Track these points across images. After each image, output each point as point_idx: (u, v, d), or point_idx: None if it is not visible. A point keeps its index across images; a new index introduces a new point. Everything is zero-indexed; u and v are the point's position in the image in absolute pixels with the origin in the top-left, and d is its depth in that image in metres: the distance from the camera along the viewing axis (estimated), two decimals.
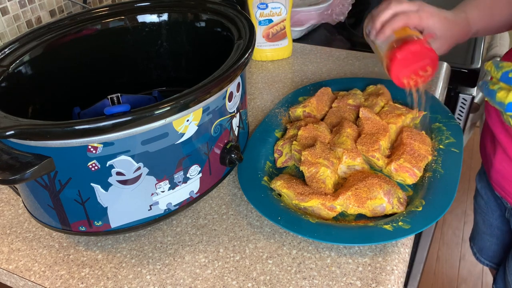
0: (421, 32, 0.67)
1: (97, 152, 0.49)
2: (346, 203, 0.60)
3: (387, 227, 0.56)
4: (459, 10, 0.71)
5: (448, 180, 0.62)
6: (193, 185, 0.58)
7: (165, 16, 0.75)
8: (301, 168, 0.65)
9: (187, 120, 0.52)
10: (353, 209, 0.60)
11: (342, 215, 0.61)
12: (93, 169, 0.50)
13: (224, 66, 0.55)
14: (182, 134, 0.53)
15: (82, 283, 0.56)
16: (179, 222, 0.63)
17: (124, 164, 0.50)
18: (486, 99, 0.57)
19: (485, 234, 0.98)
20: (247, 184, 0.64)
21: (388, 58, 0.63)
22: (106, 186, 0.51)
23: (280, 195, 0.64)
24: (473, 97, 1.04)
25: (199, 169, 0.57)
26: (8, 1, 0.88)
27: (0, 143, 0.50)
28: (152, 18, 0.75)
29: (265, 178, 0.66)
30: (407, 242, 0.59)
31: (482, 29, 0.73)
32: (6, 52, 0.63)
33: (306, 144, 0.69)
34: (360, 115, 0.73)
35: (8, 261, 0.60)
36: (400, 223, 0.56)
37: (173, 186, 0.55)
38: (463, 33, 0.71)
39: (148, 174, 0.52)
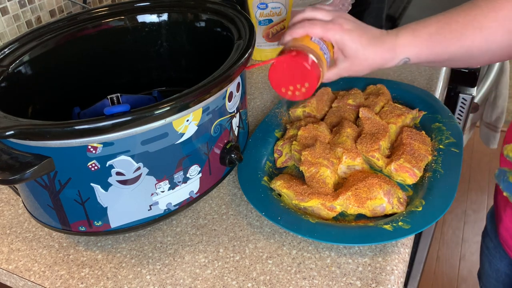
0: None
1: (97, 152, 0.48)
2: (346, 203, 0.60)
3: (387, 227, 0.56)
4: (395, 30, 0.61)
5: (448, 180, 0.62)
6: (193, 185, 0.58)
7: (165, 16, 0.75)
8: (301, 168, 0.65)
9: (187, 120, 0.52)
10: (353, 209, 0.60)
11: (342, 215, 0.61)
12: (93, 169, 0.50)
13: (224, 66, 0.55)
14: (182, 134, 0.53)
15: (82, 283, 0.56)
16: (179, 222, 0.63)
17: (124, 164, 0.50)
18: (504, 193, 0.52)
19: (491, 278, 0.90)
20: (247, 184, 0.64)
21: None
22: (106, 186, 0.51)
23: (280, 195, 0.64)
24: (473, 97, 1.04)
25: (199, 169, 0.57)
26: (8, 1, 0.88)
27: (0, 143, 0.50)
28: (152, 18, 0.75)
29: (265, 178, 0.66)
30: (407, 242, 0.59)
31: (415, 57, 0.60)
32: (6, 52, 0.63)
33: (306, 144, 0.69)
34: (360, 115, 0.73)
35: (8, 261, 0.60)
36: (400, 223, 0.56)
37: (173, 186, 0.55)
38: (384, 59, 0.60)
39: (148, 174, 0.52)
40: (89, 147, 0.48)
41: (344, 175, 0.66)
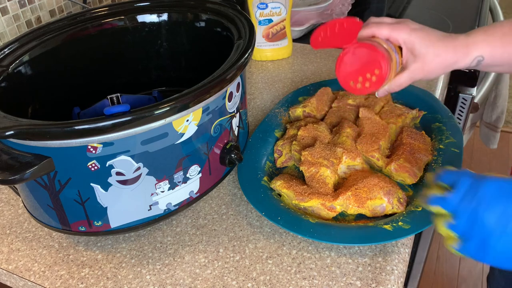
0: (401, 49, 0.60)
1: (97, 152, 0.48)
2: (346, 203, 0.60)
3: (387, 227, 0.56)
4: (464, 33, 0.60)
5: None
6: (193, 185, 0.58)
7: (165, 16, 0.75)
8: (301, 168, 0.65)
9: (187, 120, 0.52)
10: (353, 209, 0.60)
11: (342, 215, 0.61)
12: (92, 169, 0.50)
13: (224, 66, 0.55)
14: (182, 134, 0.53)
15: (82, 283, 0.56)
16: (179, 222, 0.63)
17: (124, 164, 0.50)
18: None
19: (501, 281, 0.89)
20: (247, 184, 0.64)
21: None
22: (106, 186, 0.51)
23: (280, 195, 0.64)
24: (473, 97, 1.04)
25: (199, 169, 0.57)
26: (8, 1, 0.88)
27: (0, 143, 0.50)
28: (152, 18, 0.75)
29: (265, 178, 0.66)
30: (407, 242, 0.59)
31: (489, 56, 0.58)
32: (6, 52, 0.63)
33: (306, 144, 0.69)
34: (360, 115, 0.73)
35: (8, 261, 0.59)
36: (400, 223, 0.56)
37: (173, 186, 0.55)
38: (456, 55, 0.58)
39: (148, 174, 0.52)
40: (89, 147, 0.48)
41: (344, 175, 0.66)
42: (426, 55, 0.58)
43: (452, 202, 0.45)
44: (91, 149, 0.48)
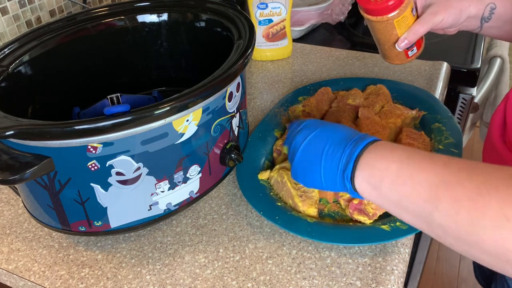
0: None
1: (97, 152, 0.48)
2: None
3: (384, 227, 0.56)
4: None
5: None
6: (193, 185, 0.58)
7: (165, 16, 0.75)
8: None
9: (187, 120, 0.52)
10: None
11: (340, 216, 0.61)
12: (92, 169, 0.50)
13: (224, 66, 0.55)
14: (182, 134, 0.53)
15: (82, 283, 0.56)
16: (179, 222, 0.63)
17: (124, 164, 0.50)
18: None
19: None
20: (245, 183, 0.64)
21: None
22: (106, 186, 0.51)
23: (279, 196, 0.64)
24: (473, 97, 1.04)
25: (199, 169, 0.57)
26: (8, 1, 0.88)
27: (0, 143, 0.50)
28: (152, 18, 0.75)
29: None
30: (407, 242, 0.59)
31: (501, 6, 0.62)
32: (6, 52, 0.63)
33: None
34: (359, 115, 0.73)
35: (8, 261, 0.59)
36: (397, 223, 0.56)
37: (173, 186, 0.55)
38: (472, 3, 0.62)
39: (148, 174, 0.52)
40: (89, 147, 0.48)
41: None
42: (445, 2, 0.62)
43: (287, 139, 0.56)
44: (91, 149, 0.48)
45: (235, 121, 0.62)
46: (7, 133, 0.45)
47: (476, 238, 0.33)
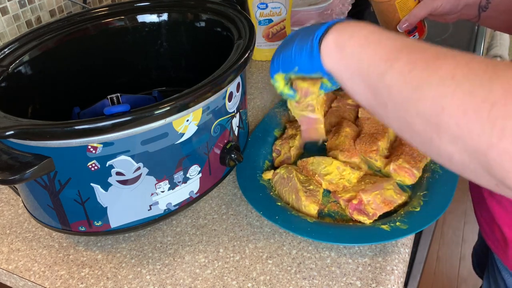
0: None
1: (97, 152, 0.48)
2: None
3: (384, 227, 0.56)
4: None
5: (446, 180, 0.62)
6: (193, 185, 0.58)
7: (165, 16, 0.75)
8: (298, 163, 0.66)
9: (187, 120, 0.52)
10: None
11: (340, 215, 0.61)
12: (93, 169, 0.50)
13: (224, 66, 0.55)
14: (182, 134, 0.53)
15: (82, 283, 0.56)
16: (179, 222, 0.63)
17: (124, 164, 0.50)
18: None
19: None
20: (245, 183, 0.64)
21: None
22: (106, 186, 0.51)
23: (280, 197, 0.64)
24: None
25: (199, 169, 0.57)
26: (8, 1, 0.88)
27: (0, 143, 0.50)
28: (152, 18, 0.75)
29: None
30: (407, 242, 0.59)
31: None
32: (6, 52, 0.63)
33: None
34: (359, 115, 0.73)
35: (8, 261, 0.59)
36: (397, 223, 0.56)
37: (173, 186, 0.55)
38: None
39: (148, 174, 0.52)
40: (89, 147, 0.48)
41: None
42: None
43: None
44: (91, 149, 0.48)
45: (235, 121, 0.62)
46: (7, 133, 0.45)
47: (417, 96, 0.34)
